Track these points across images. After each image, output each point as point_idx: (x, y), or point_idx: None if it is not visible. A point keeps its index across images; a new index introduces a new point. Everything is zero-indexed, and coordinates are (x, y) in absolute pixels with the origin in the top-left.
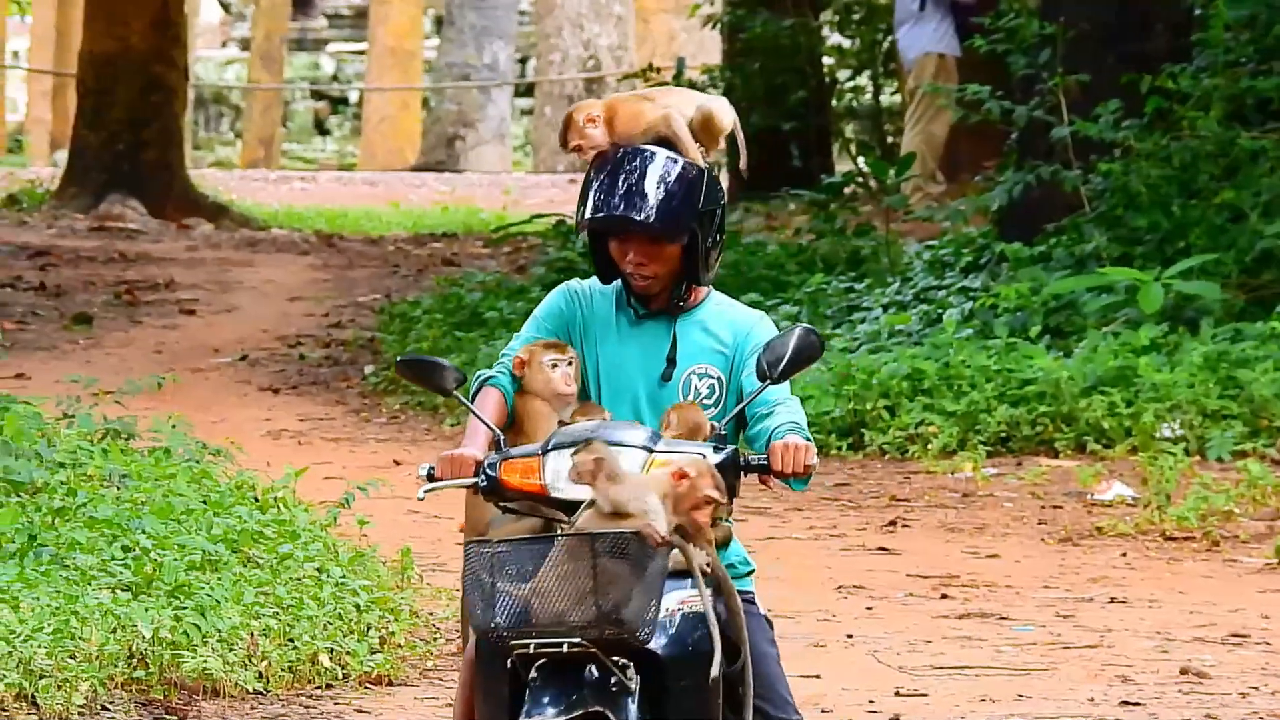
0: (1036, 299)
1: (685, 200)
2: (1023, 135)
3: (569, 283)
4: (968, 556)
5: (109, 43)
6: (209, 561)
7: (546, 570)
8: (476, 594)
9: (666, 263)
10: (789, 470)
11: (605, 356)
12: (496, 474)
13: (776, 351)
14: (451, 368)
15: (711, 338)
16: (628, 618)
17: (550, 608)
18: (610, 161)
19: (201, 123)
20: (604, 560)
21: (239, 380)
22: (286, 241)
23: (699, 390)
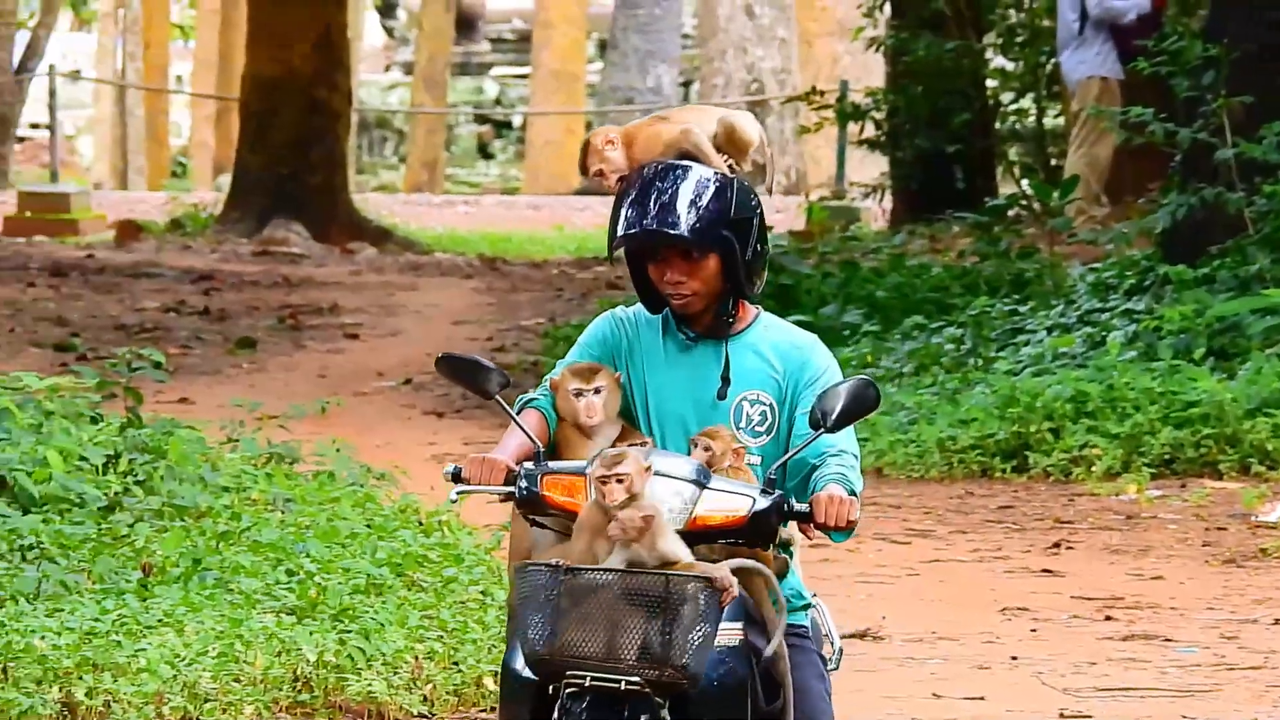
0: (1200, 321)
1: (715, 210)
2: (1186, 157)
3: (614, 310)
4: (1132, 578)
5: (272, 66)
6: (373, 585)
7: (615, 603)
8: (536, 614)
9: (705, 279)
10: (831, 522)
11: (653, 383)
12: (538, 487)
13: (832, 401)
14: (496, 370)
15: (763, 362)
16: (690, 665)
17: (615, 642)
18: (636, 181)
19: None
20: (675, 602)
21: (403, 404)
22: (450, 265)
23: (750, 416)
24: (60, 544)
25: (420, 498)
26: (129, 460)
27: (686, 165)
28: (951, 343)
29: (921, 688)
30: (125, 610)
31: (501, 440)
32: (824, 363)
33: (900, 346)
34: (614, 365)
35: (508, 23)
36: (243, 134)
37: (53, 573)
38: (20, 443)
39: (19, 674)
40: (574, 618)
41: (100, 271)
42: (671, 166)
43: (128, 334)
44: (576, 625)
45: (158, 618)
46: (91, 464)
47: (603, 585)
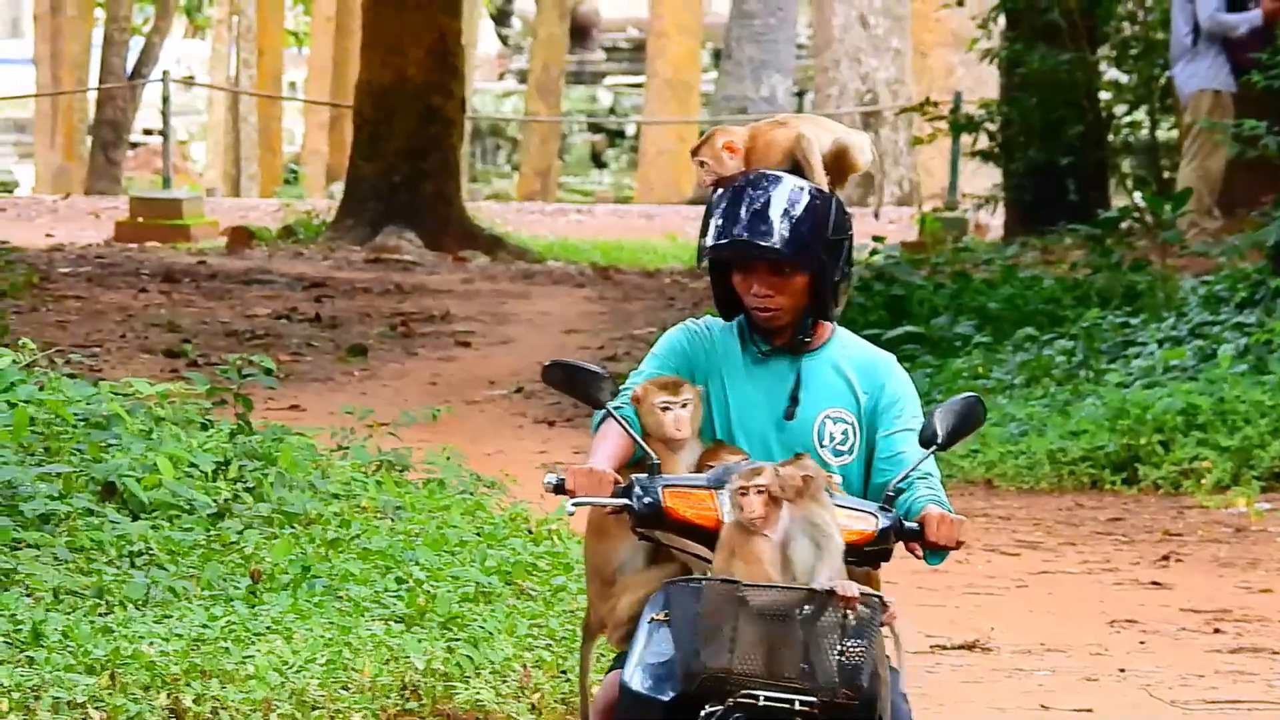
0: None
1: (813, 227)
2: None
3: (688, 321)
4: (1241, 591)
5: (386, 74)
6: (482, 593)
7: (793, 621)
8: (701, 631)
9: (793, 295)
10: (942, 541)
11: (733, 395)
12: (659, 499)
13: (945, 420)
14: (608, 377)
15: (842, 379)
16: (865, 685)
17: (783, 661)
18: (734, 187)
19: (478, 155)
20: (855, 622)
21: (514, 412)
22: (562, 274)
23: (833, 435)
24: (169, 550)
25: (530, 505)
26: (239, 467)
27: (786, 176)
28: (1062, 355)
29: (1029, 699)
30: (233, 617)
31: (594, 449)
32: (903, 383)
33: (1011, 358)
34: (691, 377)
35: (622, 31)
36: (356, 141)
37: (161, 579)
38: (130, 449)
39: (127, 679)
40: (747, 635)
41: (212, 278)
42: (771, 177)
43: (239, 340)
44: (748, 643)
45: (266, 624)
46: (201, 470)
47: (774, 603)
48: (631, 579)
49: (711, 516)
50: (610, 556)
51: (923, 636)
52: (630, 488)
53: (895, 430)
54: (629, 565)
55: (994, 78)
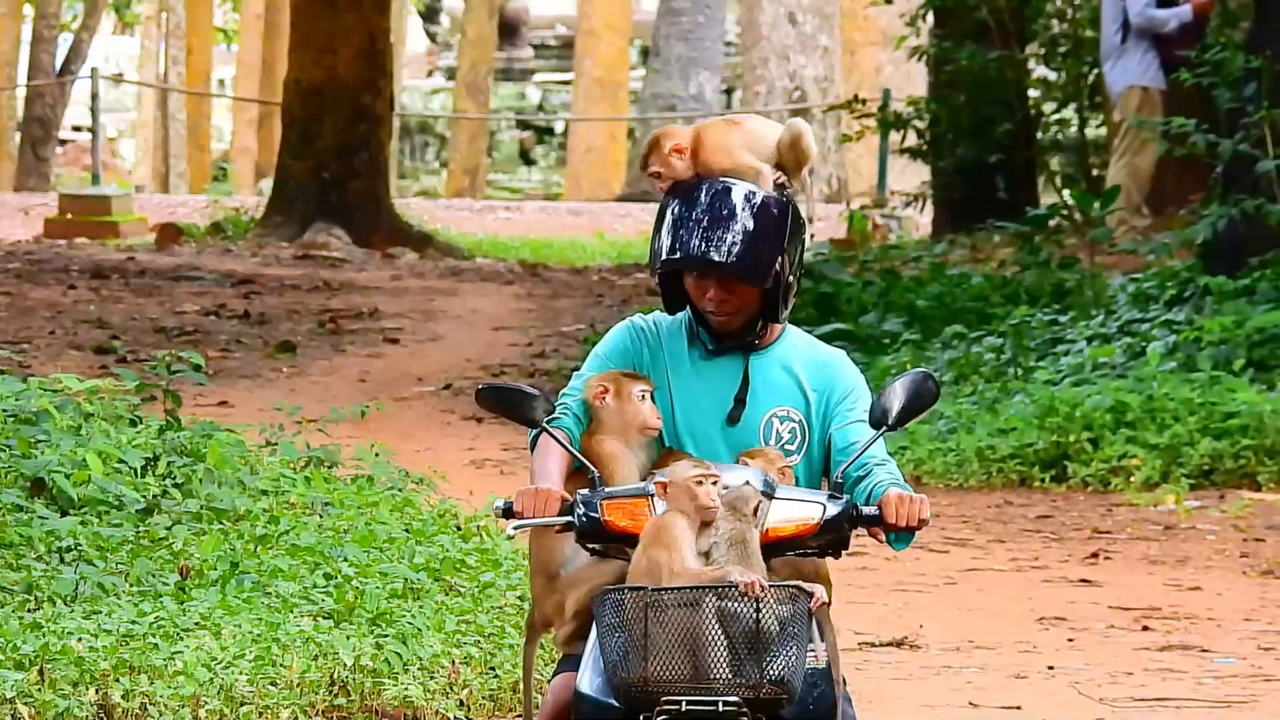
0: (1240, 332)
1: (770, 239)
2: (1228, 169)
3: (632, 319)
4: (1170, 589)
5: (315, 72)
6: (411, 590)
7: (708, 621)
8: (621, 642)
9: (746, 300)
10: (902, 523)
11: (679, 395)
12: (598, 514)
13: (891, 399)
14: (540, 396)
15: (791, 377)
16: (789, 678)
17: (712, 662)
18: (688, 195)
19: (407, 152)
20: (770, 613)
21: (443, 409)
22: (491, 271)
23: (780, 434)
24: (98, 546)
25: (459, 502)
26: (168, 463)
27: (739, 185)
28: (991, 352)
29: (958, 696)
30: (162, 613)
31: (538, 466)
32: (854, 377)
33: (940, 355)
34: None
35: (551, 29)
36: (285, 138)
37: (90, 575)
38: (59, 445)
39: (55, 675)
40: (662, 641)
41: (141, 274)
42: (725, 186)
43: (168, 337)
44: (665, 648)
45: (195, 620)
46: (130, 466)
47: (690, 604)
48: (576, 575)
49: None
50: (553, 553)
51: (851, 634)
52: (573, 506)
53: (849, 422)
54: (572, 561)
55: (922, 75)
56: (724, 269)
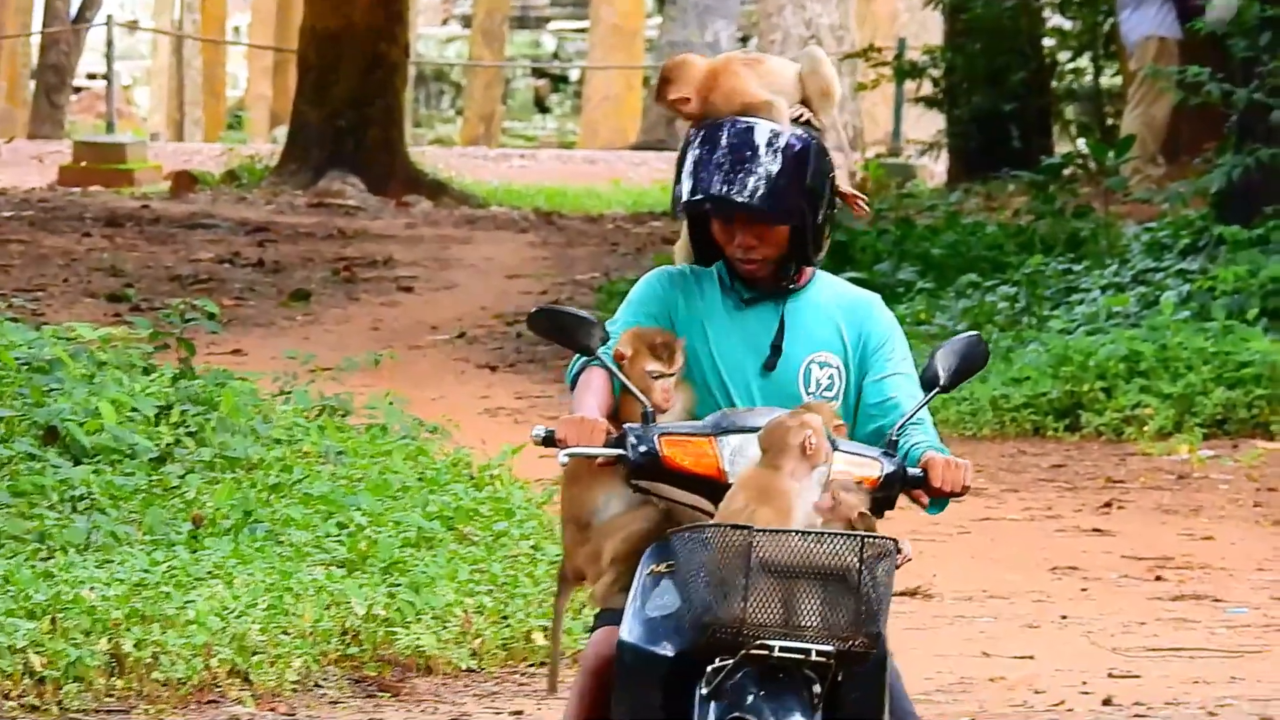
0: (1254, 282)
1: (793, 178)
2: (1242, 118)
3: (665, 267)
4: (1183, 539)
5: (331, 19)
6: (424, 539)
7: (801, 567)
8: (714, 582)
9: (776, 244)
10: (948, 487)
11: (716, 343)
12: (656, 449)
13: (947, 360)
14: (598, 324)
15: (828, 322)
16: (880, 630)
17: (809, 609)
18: (709, 136)
19: (422, 100)
20: (871, 566)
21: (456, 358)
22: (506, 219)
23: (819, 381)
24: (111, 495)
25: (472, 451)
26: (181, 411)
27: (761, 123)
28: (1005, 301)
29: (971, 646)
30: (175, 562)
31: (578, 400)
32: (890, 324)
33: (954, 304)
34: (670, 325)
35: None
36: (300, 86)
37: (103, 523)
38: (73, 393)
39: (67, 624)
40: (762, 583)
41: (155, 222)
42: (750, 126)
43: (182, 285)
44: (763, 591)
45: (207, 570)
46: (143, 415)
47: (795, 549)
48: (610, 524)
49: (712, 465)
50: (585, 502)
51: None
52: (624, 437)
53: (885, 374)
54: (605, 511)
55: (938, 24)
56: (745, 208)
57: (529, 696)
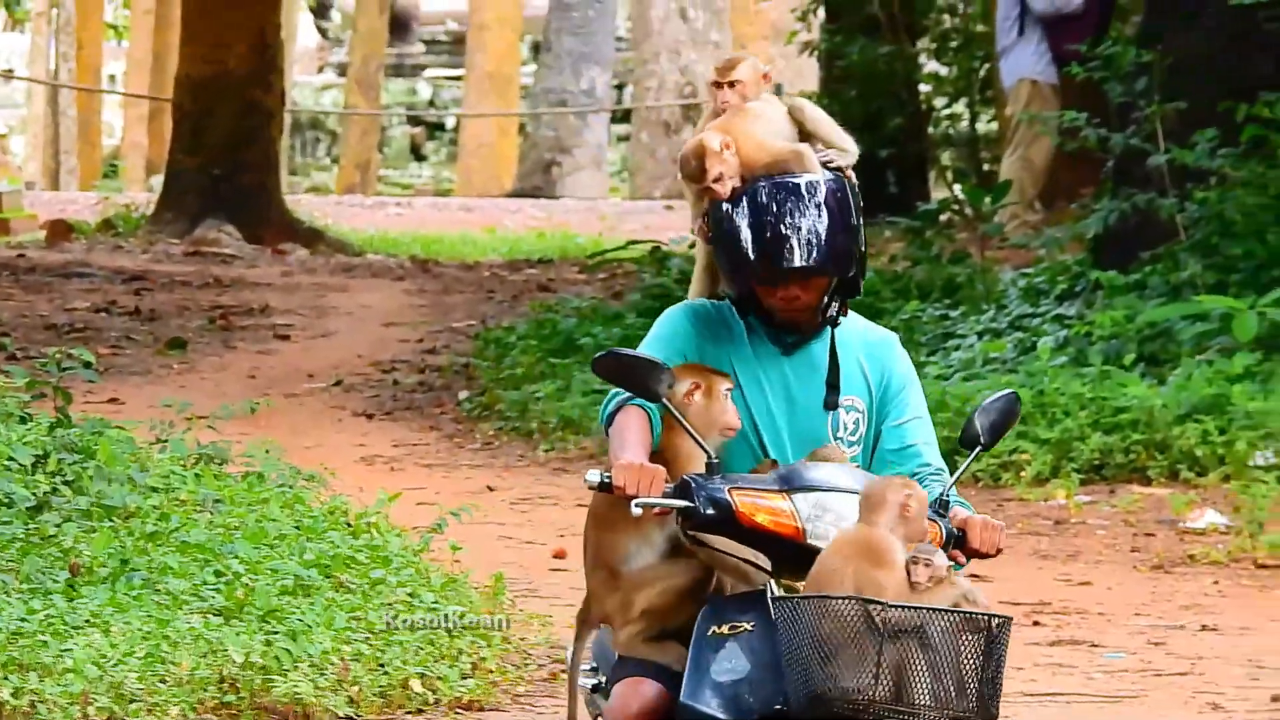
0: (1131, 327)
1: (841, 225)
2: (1119, 163)
3: (687, 303)
4: (1060, 584)
5: (206, 67)
6: (301, 586)
7: (938, 643)
8: (829, 651)
9: (819, 291)
10: (986, 549)
11: (750, 388)
12: (729, 502)
13: (988, 418)
14: (668, 369)
15: (852, 363)
16: (995, 713)
17: (932, 690)
18: (750, 202)
19: (298, 148)
20: (998, 643)
21: (333, 406)
22: (382, 267)
23: (846, 425)
24: None
25: (349, 499)
26: (58, 460)
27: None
28: None
29: None
30: (52, 610)
31: (619, 443)
32: (908, 366)
33: None
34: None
35: (442, 24)
36: (176, 134)
37: None
38: None
39: None
40: (887, 657)
41: (31, 271)
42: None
43: (58, 333)
44: (887, 666)
45: (85, 618)
46: (20, 464)
47: (916, 625)
48: (643, 575)
49: (790, 525)
50: (617, 548)
51: None
52: (689, 487)
53: (905, 420)
54: (637, 559)
55: (814, 70)
56: (810, 272)
57: None
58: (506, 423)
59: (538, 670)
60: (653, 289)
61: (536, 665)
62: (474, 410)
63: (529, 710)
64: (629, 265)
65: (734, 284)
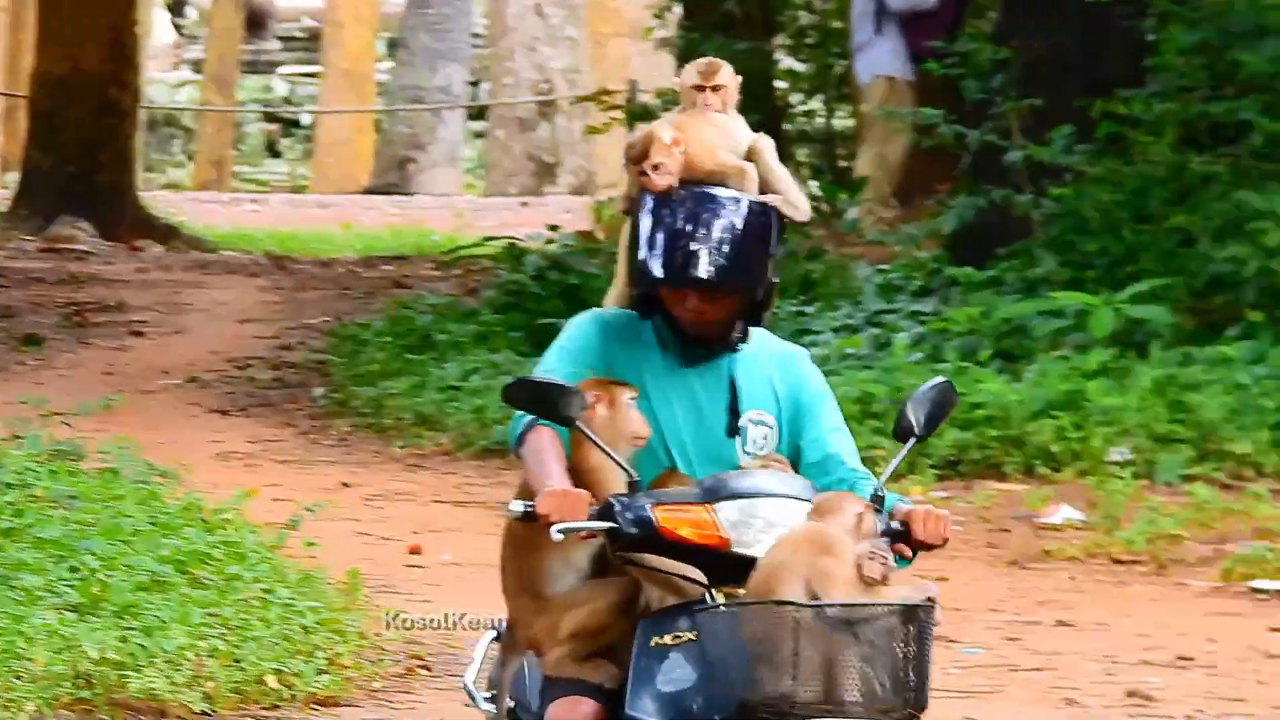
0: (987, 323)
1: (757, 247)
2: (975, 159)
3: (597, 313)
4: (916, 579)
5: (62, 65)
6: (156, 582)
7: (857, 641)
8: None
9: (729, 309)
10: (930, 539)
11: (655, 400)
12: (651, 519)
13: (920, 409)
14: (577, 392)
15: (761, 380)
16: (925, 699)
17: (861, 686)
18: (670, 205)
19: (153, 144)
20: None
21: (188, 402)
22: (237, 263)
23: (755, 440)
24: None
25: (204, 495)
26: None
27: (721, 194)
28: None
29: None
30: None
31: (538, 466)
32: (820, 379)
33: None
34: (604, 376)
35: (297, 21)
36: (31, 132)
37: None
38: None
39: None
40: (807, 658)
41: None
42: (711, 196)
43: None
44: (809, 667)
45: None
46: None
47: (828, 621)
48: (570, 596)
49: (714, 535)
50: (539, 571)
51: None
52: (610, 508)
53: (823, 432)
54: (561, 581)
55: (670, 67)
56: (713, 285)
57: None
58: (362, 419)
59: (393, 666)
60: (508, 285)
61: (391, 661)
62: (329, 407)
63: (384, 705)
64: (485, 262)
65: (637, 282)
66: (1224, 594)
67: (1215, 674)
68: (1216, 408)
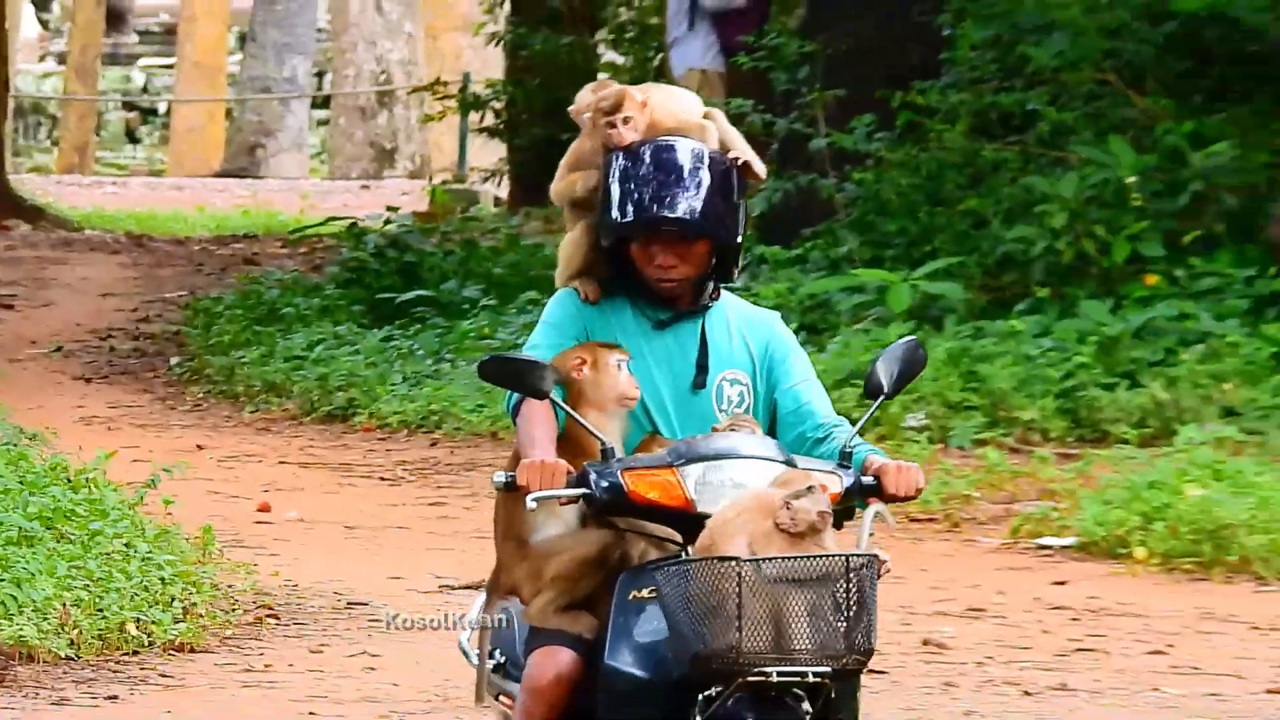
0: (794, 298)
1: (722, 195)
2: (783, 146)
3: (572, 286)
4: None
5: None
6: (25, 537)
7: (790, 591)
8: (699, 613)
9: (696, 263)
10: (903, 492)
11: (634, 365)
12: (622, 485)
13: (889, 366)
14: (548, 366)
15: (736, 339)
16: (872, 645)
17: (800, 632)
18: (633, 156)
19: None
20: (861, 583)
21: (54, 370)
22: (99, 242)
23: (730, 398)
24: None
25: (69, 456)
26: None
27: (683, 142)
28: None
29: None
30: None
31: (527, 436)
32: (790, 337)
33: (515, 319)
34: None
35: (155, 17)
36: None
37: None
38: None
39: None
40: (754, 611)
41: None
42: (670, 144)
43: None
44: (756, 619)
45: None
46: None
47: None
48: (552, 544)
49: (679, 496)
50: (524, 519)
51: (433, 578)
52: (586, 475)
53: (796, 382)
54: (545, 529)
55: (500, 60)
56: (679, 224)
57: (123, 683)
58: (214, 386)
59: (244, 615)
60: (350, 262)
61: (243, 610)
62: (184, 375)
63: (236, 651)
64: (328, 240)
65: (607, 233)
66: (1012, 550)
67: (1004, 624)
68: (1006, 377)
